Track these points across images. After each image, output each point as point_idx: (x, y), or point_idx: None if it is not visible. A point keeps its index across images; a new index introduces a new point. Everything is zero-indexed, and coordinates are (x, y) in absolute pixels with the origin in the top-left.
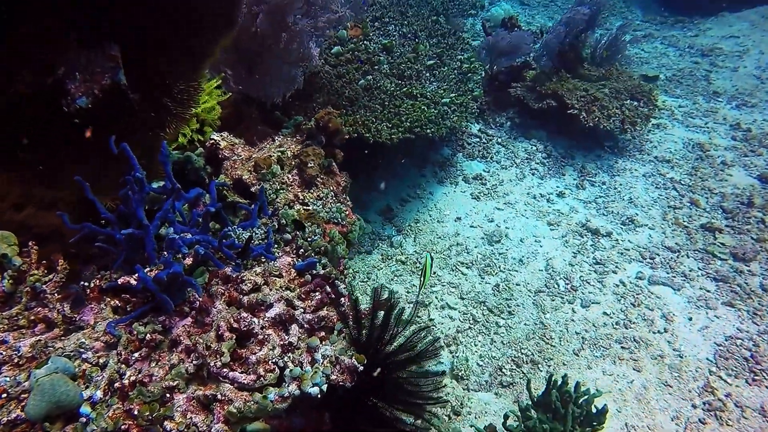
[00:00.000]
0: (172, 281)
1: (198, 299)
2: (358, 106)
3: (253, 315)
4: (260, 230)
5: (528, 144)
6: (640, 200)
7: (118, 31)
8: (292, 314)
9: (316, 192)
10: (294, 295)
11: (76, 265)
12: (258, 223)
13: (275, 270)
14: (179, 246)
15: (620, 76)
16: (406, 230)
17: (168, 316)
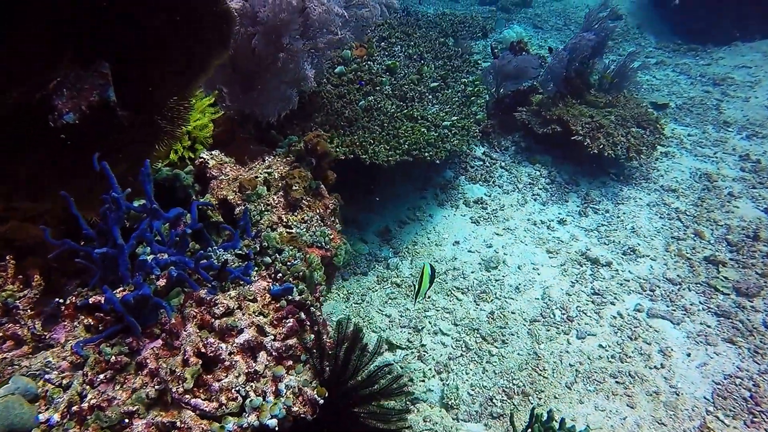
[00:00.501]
0: (142, 303)
1: (169, 321)
2: (357, 127)
3: (223, 340)
4: (241, 252)
5: (532, 169)
6: (643, 230)
7: (110, 49)
8: (261, 341)
9: (301, 215)
10: (266, 321)
11: (61, 280)
12: (240, 245)
13: (250, 294)
14: (151, 267)
15: (627, 103)
16: (403, 253)
17: (136, 338)
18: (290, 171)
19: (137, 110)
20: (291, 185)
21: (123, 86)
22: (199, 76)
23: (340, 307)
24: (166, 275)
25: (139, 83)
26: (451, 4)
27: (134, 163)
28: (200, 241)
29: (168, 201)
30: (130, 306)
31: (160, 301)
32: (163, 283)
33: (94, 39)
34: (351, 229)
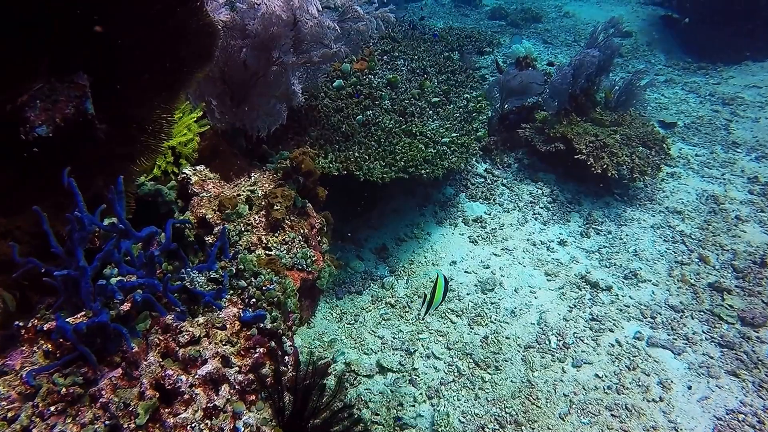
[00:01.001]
0: (99, 330)
1: (130, 349)
2: (353, 142)
3: (186, 371)
4: (215, 275)
5: (534, 187)
6: (645, 253)
7: (89, 61)
8: (224, 374)
9: (282, 236)
10: (233, 351)
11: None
12: (216, 266)
13: (219, 321)
14: (112, 292)
15: (633, 122)
16: (400, 271)
17: (91, 367)
18: (273, 190)
19: (117, 124)
20: (272, 205)
21: (103, 99)
22: (182, 90)
23: (333, 327)
24: (131, 299)
25: (120, 96)
26: (461, 18)
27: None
28: (176, 261)
29: (150, 217)
30: (82, 334)
31: (120, 328)
32: (127, 308)
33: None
34: (348, 245)
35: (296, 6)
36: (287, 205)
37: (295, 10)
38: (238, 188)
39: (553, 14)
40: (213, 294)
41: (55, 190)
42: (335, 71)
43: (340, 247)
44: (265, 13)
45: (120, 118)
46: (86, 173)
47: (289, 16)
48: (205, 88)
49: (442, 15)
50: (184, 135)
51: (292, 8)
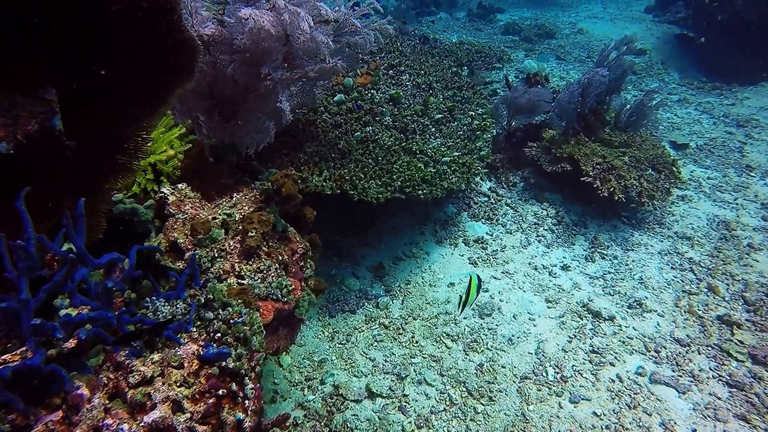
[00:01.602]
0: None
1: (72, 391)
2: (350, 160)
3: (132, 416)
4: (182, 305)
5: (539, 208)
6: (652, 281)
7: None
8: (172, 423)
9: (257, 264)
10: (188, 393)
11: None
12: (185, 295)
13: (175, 359)
14: (51, 329)
15: (643, 143)
16: (395, 291)
17: (20, 413)
18: (250, 214)
19: (89, 141)
20: (247, 231)
21: (74, 115)
22: (160, 107)
23: (324, 346)
24: (77, 335)
25: (93, 113)
26: (474, 33)
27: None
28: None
29: (128, 236)
30: (7, 380)
31: (58, 370)
32: (72, 345)
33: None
34: (344, 262)
35: (287, 21)
36: (264, 231)
37: (286, 26)
38: (217, 210)
39: (566, 30)
40: (175, 327)
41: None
42: (337, 85)
43: (335, 263)
44: (253, 28)
45: (92, 136)
46: (54, 192)
47: (279, 31)
48: (192, 103)
49: (456, 29)
50: (165, 152)
51: (282, 23)
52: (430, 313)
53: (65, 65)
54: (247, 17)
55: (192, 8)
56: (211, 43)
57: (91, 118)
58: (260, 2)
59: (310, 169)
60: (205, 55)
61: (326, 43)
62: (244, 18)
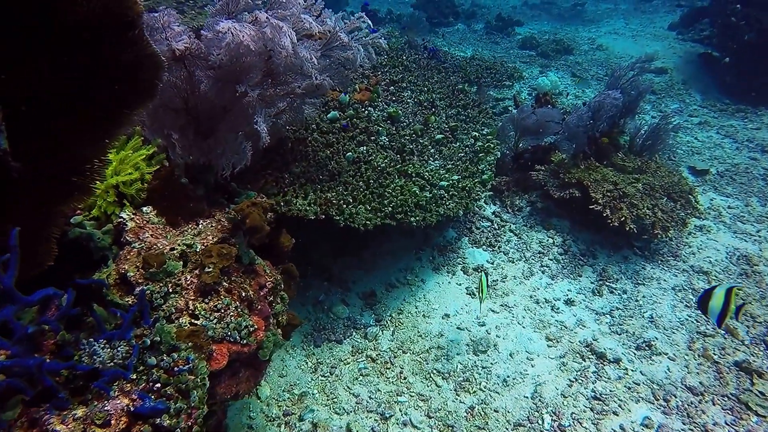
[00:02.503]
0: None
1: None
2: (339, 182)
3: None
4: (124, 347)
5: (545, 235)
6: (663, 320)
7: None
8: None
9: (214, 301)
10: None
11: None
12: (131, 335)
13: (101, 416)
14: None
15: (659, 169)
16: (386, 321)
17: None
18: (210, 247)
19: (39, 163)
20: (204, 266)
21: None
22: (120, 127)
23: (306, 378)
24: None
25: (45, 132)
26: (490, 46)
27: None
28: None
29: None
30: None
31: None
32: None
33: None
34: (333, 287)
35: (268, 37)
36: (224, 266)
37: (267, 41)
38: (180, 238)
39: (585, 46)
40: (109, 375)
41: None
42: (333, 101)
43: (325, 288)
44: (230, 42)
45: (44, 156)
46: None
47: (260, 47)
48: (165, 120)
49: (472, 42)
50: (129, 174)
51: (263, 39)
52: (421, 346)
53: (14, 82)
54: (225, 31)
55: (164, 22)
56: (187, 57)
57: (43, 137)
58: (241, 15)
59: (295, 192)
60: (181, 70)
61: (310, 59)
62: (222, 32)
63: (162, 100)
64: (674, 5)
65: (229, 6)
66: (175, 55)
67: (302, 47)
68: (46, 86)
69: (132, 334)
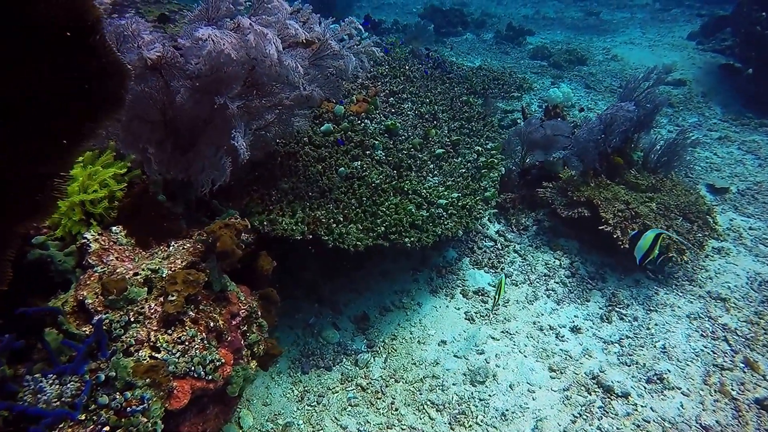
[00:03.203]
0: None
1: None
2: (329, 199)
3: None
4: (75, 384)
5: (552, 256)
6: (677, 351)
7: None
8: None
9: (179, 333)
10: None
11: None
12: (84, 370)
13: None
14: None
15: (675, 188)
16: (378, 347)
17: None
18: (175, 273)
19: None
20: (168, 294)
21: None
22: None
23: (292, 407)
24: None
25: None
26: (500, 56)
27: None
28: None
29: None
30: None
31: None
32: None
33: None
34: (325, 310)
35: (251, 45)
36: (190, 294)
37: (250, 50)
38: (148, 261)
39: (599, 57)
40: (51, 418)
41: None
42: (328, 113)
43: (315, 311)
44: (212, 51)
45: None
46: None
47: (242, 55)
48: (140, 133)
49: (481, 51)
50: (96, 192)
51: (246, 47)
52: (415, 375)
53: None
54: (205, 38)
55: (134, 30)
56: (164, 66)
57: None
58: (222, 22)
59: (282, 209)
60: (157, 80)
61: (296, 68)
62: (201, 39)
63: (136, 112)
64: (694, 14)
65: (209, 11)
66: (148, 65)
67: (288, 56)
68: (6, 97)
69: (86, 369)
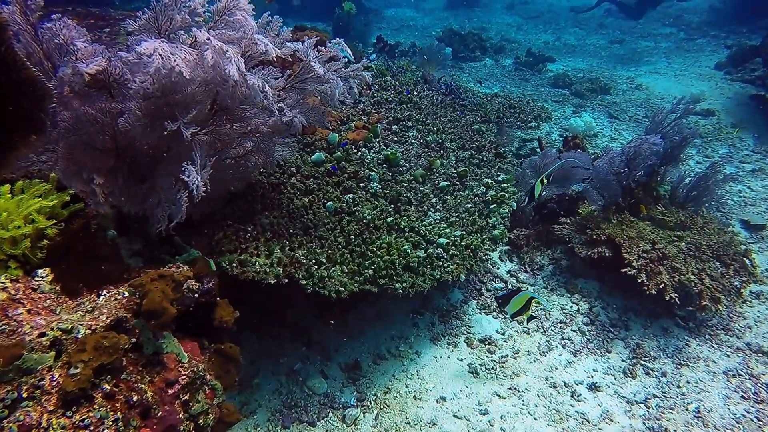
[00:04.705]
0: None
1: None
2: (314, 237)
3: None
4: None
5: (569, 300)
6: (713, 416)
7: None
8: None
9: (82, 414)
10: None
11: None
12: None
13: None
14: None
15: (706, 225)
16: (370, 401)
17: None
18: (84, 337)
19: None
20: (72, 364)
21: None
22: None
23: None
24: None
25: None
26: (519, 83)
27: None
28: None
29: None
30: None
31: None
32: None
33: None
34: (313, 354)
35: (209, 63)
36: (103, 363)
37: (208, 70)
38: (67, 316)
39: (623, 86)
40: None
41: None
42: (321, 140)
43: (302, 355)
44: (160, 68)
45: None
46: None
47: (199, 75)
48: (84, 161)
49: (499, 78)
50: (19, 228)
51: (204, 66)
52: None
53: None
54: (150, 53)
55: (65, 38)
56: (112, 84)
57: None
58: (176, 35)
59: (257, 248)
60: (105, 101)
61: (262, 89)
62: (145, 54)
63: (79, 138)
64: (720, 45)
65: (159, 21)
66: (88, 82)
67: (255, 76)
68: None
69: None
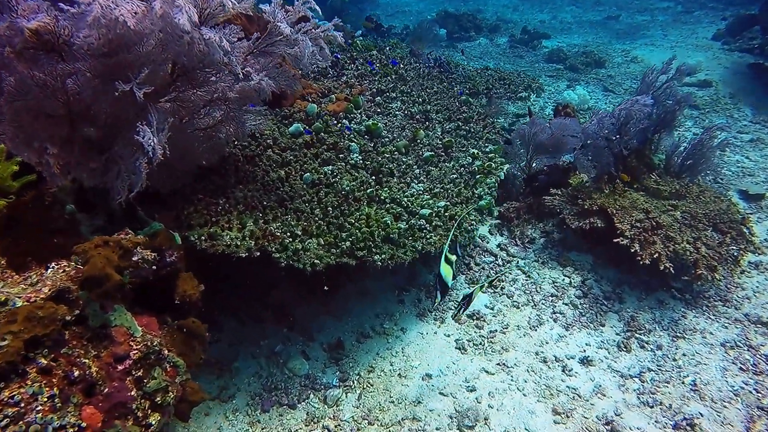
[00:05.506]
0: None
1: None
2: (290, 209)
3: None
4: None
5: (560, 273)
6: (711, 389)
7: None
8: None
9: (12, 391)
10: None
11: None
12: None
13: None
14: None
15: (702, 194)
16: (352, 381)
17: None
18: (18, 308)
19: None
20: (1, 336)
21: None
22: None
23: None
24: None
25: None
26: (514, 60)
27: None
28: None
29: None
30: None
31: None
32: None
33: None
34: (295, 335)
35: (158, 14)
36: (38, 335)
37: (157, 21)
38: (15, 288)
39: (618, 59)
40: None
41: None
42: (300, 112)
43: (283, 337)
44: (98, 17)
45: None
46: None
47: (147, 27)
48: (35, 129)
49: (494, 56)
50: None
51: (152, 17)
52: (392, 417)
53: None
54: (89, 1)
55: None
56: (61, 45)
57: None
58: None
59: (229, 221)
60: (54, 63)
61: (220, 44)
62: (84, 2)
63: (27, 103)
64: (718, 17)
65: None
66: (33, 41)
67: (211, 30)
68: None
69: None
